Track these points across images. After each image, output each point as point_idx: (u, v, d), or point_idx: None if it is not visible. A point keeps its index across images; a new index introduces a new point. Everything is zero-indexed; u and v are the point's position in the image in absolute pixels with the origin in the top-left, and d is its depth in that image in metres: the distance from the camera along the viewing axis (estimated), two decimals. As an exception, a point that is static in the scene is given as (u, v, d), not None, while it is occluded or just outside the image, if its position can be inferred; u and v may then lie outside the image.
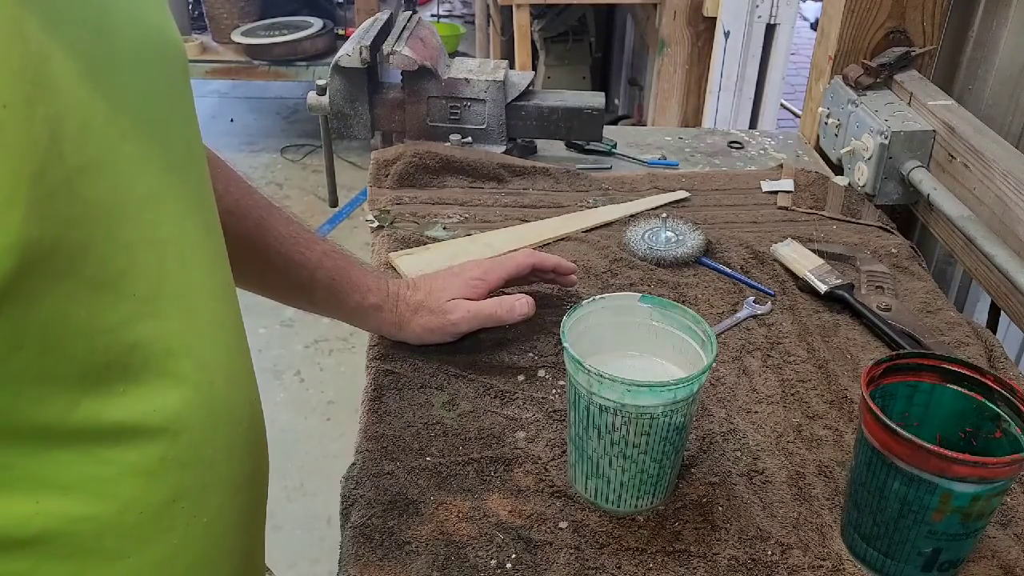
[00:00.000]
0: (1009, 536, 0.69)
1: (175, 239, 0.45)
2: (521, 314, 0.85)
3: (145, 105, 0.44)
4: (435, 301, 0.83)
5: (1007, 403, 0.63)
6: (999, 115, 1.14)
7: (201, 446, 0.47)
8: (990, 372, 0.64)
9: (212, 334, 0.49)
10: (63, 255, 0.37)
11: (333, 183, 1.35)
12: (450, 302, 0.83)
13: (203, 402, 0.47)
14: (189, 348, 0.46)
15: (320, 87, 1.19)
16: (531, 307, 0.86)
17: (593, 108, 1.20)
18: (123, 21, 0.43)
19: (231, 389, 0.50)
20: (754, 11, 2.14)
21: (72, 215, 0.38)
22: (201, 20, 3.40)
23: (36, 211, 0.35)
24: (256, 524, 0.57)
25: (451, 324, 0.83)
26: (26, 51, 0.35)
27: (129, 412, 0.42)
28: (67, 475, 0.41)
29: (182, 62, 0.50)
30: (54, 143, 0.36)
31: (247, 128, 3.76)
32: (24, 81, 0.35)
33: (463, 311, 0.83)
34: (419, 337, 0.84)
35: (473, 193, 1.14)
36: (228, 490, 0.50)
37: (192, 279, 0.47)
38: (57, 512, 0.41)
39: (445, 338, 0.85)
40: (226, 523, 0.51)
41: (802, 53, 4.18)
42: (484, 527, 0.68)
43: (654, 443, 0.66)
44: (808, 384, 0.83)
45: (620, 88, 3.18)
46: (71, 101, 0.38)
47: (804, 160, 1.29)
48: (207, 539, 0.49)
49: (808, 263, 0.98)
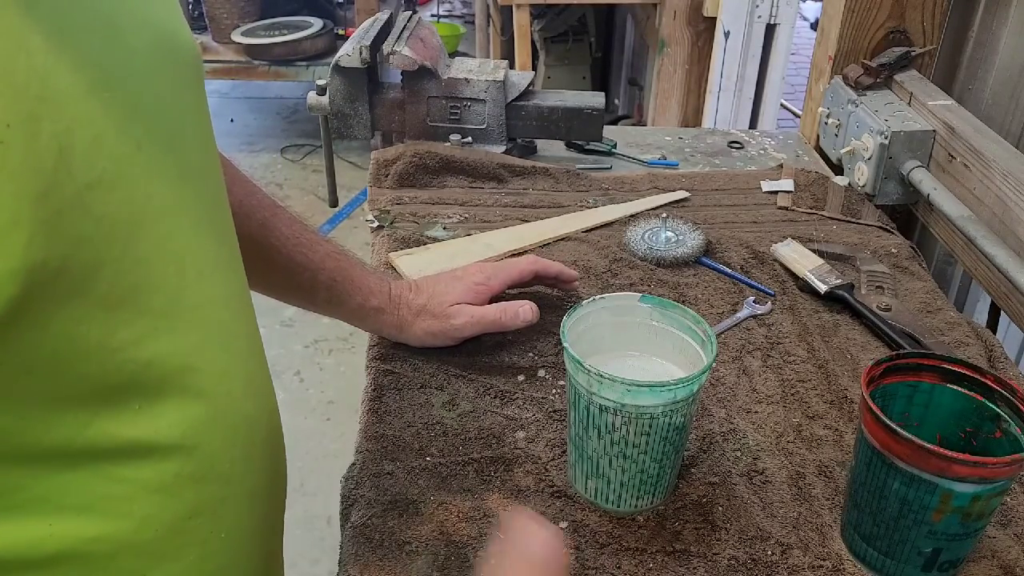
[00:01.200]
0: (1009, 536, 0.69)
1: (192, 250, 0.44)
2: (524, 321, 0.84)
3: (159, 113, 0.43)
4: (438, 305, 0.83)
5: (1007, 403, 0.63)
6: (999, 115, 1.14)
7: (218, 460, 0.46)
8: (990, 372, 0.64)
9: (230, 345, 0.48)
10: (73, 275, 0.36)
11: (333, 183, 1.35)
12: (453, 307, 0.83)
13: (220, 416, 0.46)
14: (207, 361, 0.45)
15: (320, 87, 1.19)
16: (535, 314, 0.85)
17: (593, 108, 1.20)
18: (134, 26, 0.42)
19: (249, 400, 0.49)
20: (754, 11, 2.14)
21: (83, 233, 0.36)
22: (201, 20, 3.39)
23: (42, 232, 0.34)
24: (276, 529, 0.56)
25: (454, 329, 0.83)
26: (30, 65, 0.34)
27: (144, 429, 0.42)
28: (81, 495, 0.40)
29: (196, 66, 0.48)
30: (63, 160, 0.35)
31: (247, 128, 3.76)
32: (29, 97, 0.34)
33: (467, 316, 0.83)
34: (421, 340, 0.84)
35: (473, 193, 1.14)
36: (246, 501, 0.50)
37: (209, 290, 0.46)
38: (71, 533, 0.40)
39: (447, 342, 0.84)
40: (245, 533, 0.50)
41: (802, 53, 4.18)
42: (484, 527, 0.68)
43: (654, 443, 0.66)
44: (808, 384, 0.83)
45: (620, 88, 3.18)
46: (80, 114, 0.36)
47: (804, 160, 1.29)
48: (226, 552, 0.48)
49: (808, 263, 0.98)
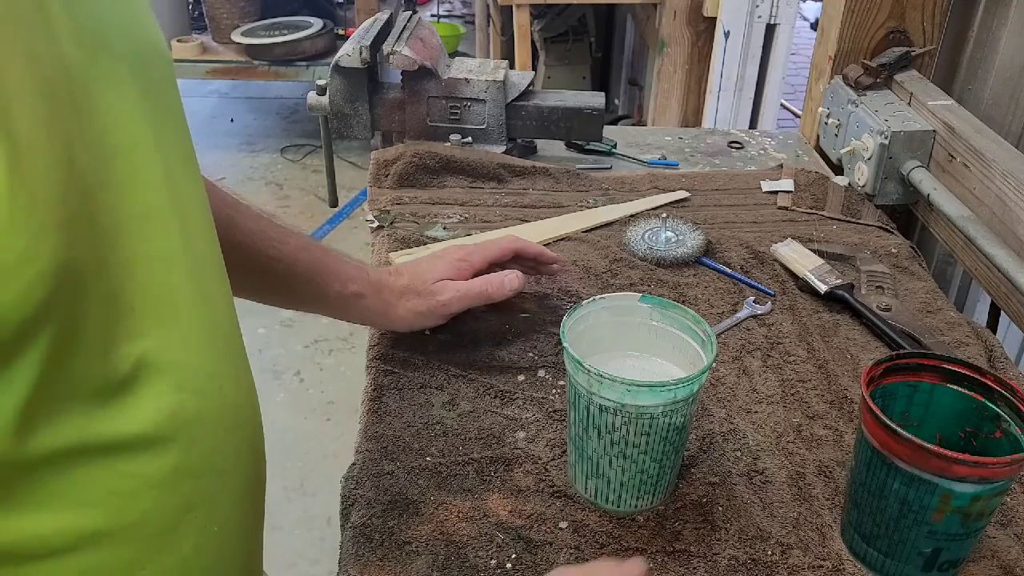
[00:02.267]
0: (1009, 536, 0.69)
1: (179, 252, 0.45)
2: (511, 289, 0.83)
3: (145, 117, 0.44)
4: (421, 284, 0.82)
5: (1007, 403, 0.63)
6: (999, 115, 1.14)
7: (212, 455, 0.47)
8: (990, 372, 0.64)
9: (219, 343, 0.48)
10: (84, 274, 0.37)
11: (333, 183, 1.35)
12: (438, 283, 0.82)
13: (215, 411, 0.47)
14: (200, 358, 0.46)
15: (320, 87, 1.19)
16: (521, 281, 0.84)
17: (593, 108, 1.20)
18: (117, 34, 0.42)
19: (239, 396, 0.50)
20: (754, 11, 2.14)
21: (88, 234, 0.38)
22: (201, 20, 3.40)
23: (64, 235, 0.35)
24: (257, 529, 0.57)
25: (441, 305, 0.82)
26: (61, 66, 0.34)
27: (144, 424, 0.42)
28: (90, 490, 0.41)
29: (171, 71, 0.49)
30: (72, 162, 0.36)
31: (247, 128, 3.76)
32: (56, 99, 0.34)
33: (452, 291, 0.82)
34: (409, 323, 0.82)
35: (473, 193, 1.14)
36: (235, 497, 0.51)
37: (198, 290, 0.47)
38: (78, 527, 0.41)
39: (436, 321, 0.83)
40: (233, 530, 0.51)
41: (802, 53, 4.18)
42: (484, 527, 0.68)
43: (654, 443, 0.66)
44: (808, 384, 0.83)
45: (620, 88, 3.18)
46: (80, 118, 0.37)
47: (804, 160, 1.29)
48: (217, 546, 0.49)
49: (808, 263, 0.98)
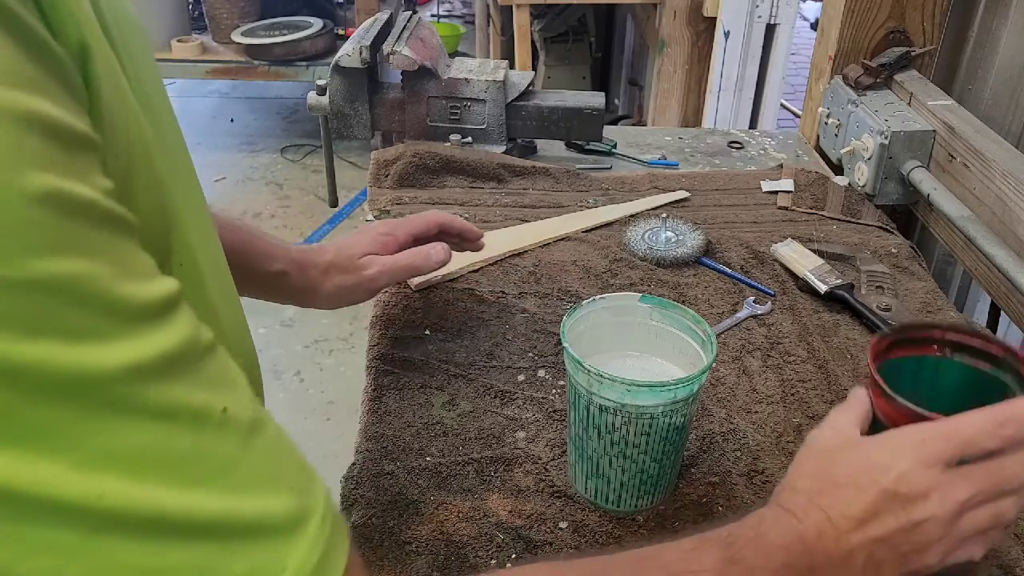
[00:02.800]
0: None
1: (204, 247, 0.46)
2: (438, 261, 0.81)
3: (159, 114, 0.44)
4: (347, 259, 0.80)
5: (1013, 372, 0.61)
6: (999, 115, 1.14)
7: None
8: (996, 340, 0.62)
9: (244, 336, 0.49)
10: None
11: (333, 183, 1.35)
12: (364, 258, 0.80)
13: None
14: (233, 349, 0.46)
15: (320, 87, 1.19)
16: (447, 253, 0.82)
17: (593, 108, 1.20)
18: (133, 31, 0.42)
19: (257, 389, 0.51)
20: (754, 11, 2.14)
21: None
22: (201, 20, 3.39)
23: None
24: None
25: (368, 280, 0.80)
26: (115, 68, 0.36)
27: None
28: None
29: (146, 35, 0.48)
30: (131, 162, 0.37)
31: (247, 128, 3.76)
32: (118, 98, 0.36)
33: (379, 266, 0.80)
34: (334, 299, 0.80)
35: (473, 193, 1.14)
36: None
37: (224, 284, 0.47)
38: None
39: (363, 296, 0.81)
40: None
41: (802, 53, 4.18)
42: (484, 527, 0.68)
43: (654, 443, 0.66)
44: (808, 384, 0.83)
45: (620, 88, 3.18)
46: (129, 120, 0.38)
47: (804, 160, 1.29)
48: None
49: (808, 263, 0.98)
